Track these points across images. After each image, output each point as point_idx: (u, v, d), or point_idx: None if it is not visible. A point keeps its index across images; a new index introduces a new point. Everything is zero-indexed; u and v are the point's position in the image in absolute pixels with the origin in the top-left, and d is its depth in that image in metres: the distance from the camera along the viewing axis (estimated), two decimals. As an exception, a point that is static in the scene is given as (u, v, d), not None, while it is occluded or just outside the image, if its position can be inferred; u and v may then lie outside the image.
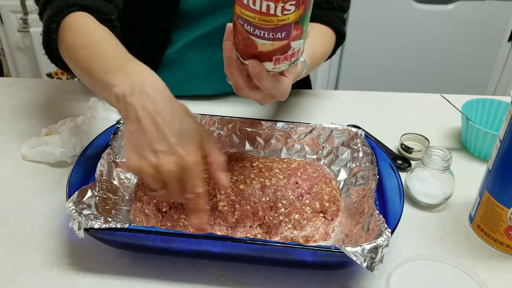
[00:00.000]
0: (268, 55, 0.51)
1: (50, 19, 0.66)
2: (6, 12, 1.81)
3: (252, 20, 0.47)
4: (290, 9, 0.46)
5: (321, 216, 0.60)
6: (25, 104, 0.91)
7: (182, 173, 0.49)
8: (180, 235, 0.52)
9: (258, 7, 0.46)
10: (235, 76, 0.55)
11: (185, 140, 0.49)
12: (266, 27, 0.48)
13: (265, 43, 0.49)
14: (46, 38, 0.68)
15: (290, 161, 0.66)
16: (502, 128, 0.59)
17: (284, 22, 0.47)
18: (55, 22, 0.66)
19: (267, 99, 0.59)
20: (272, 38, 0.49)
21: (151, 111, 0.49)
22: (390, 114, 0.94)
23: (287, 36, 0.49)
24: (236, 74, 0.55)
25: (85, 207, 0.56)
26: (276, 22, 0.47)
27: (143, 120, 0.49)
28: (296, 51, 0.52)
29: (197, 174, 0.50)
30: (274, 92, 0.56)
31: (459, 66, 1.89)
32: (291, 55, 0.52)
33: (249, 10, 0.47)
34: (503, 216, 0.61)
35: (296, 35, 0.49)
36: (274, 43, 0.49)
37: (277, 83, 0.56)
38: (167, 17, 0.84)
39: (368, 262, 0.48)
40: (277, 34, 0.48)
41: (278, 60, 0.51)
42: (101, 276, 0.57)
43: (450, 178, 0.68)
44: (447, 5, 1.75)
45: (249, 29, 0.48)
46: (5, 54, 1.94)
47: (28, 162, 0.75)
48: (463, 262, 0.61)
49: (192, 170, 0.50)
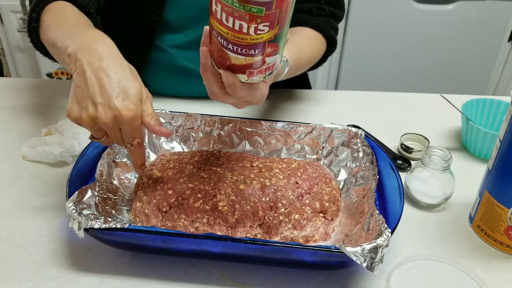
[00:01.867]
0: (242, 68, 0.50)
1: (32, 9, 0.72)
2: (6, 12, 1.81)
3: (225, 35, 0.47)
4: (263, 29, 0.46)
5: (321, 216, 0.60)
6: (25, 104, 0.91)
7: (119, 126, 0.54)
8: (180, 235, 0.52)
9: (231, 24, 0.45)
10: (210, 82, 0.56)
11: (125, 96, 0.53)
12: (239, 44, 0.47)
13: (239, 57, 0.49)
14: (28, 25, 0.74)
15: (290, 161, 0.66)
16: (502, 128, 0.59)
17: (258, 41, 0.47)
18: (35, 12, 0.72)
19: (242, 104, 0.59)
20: (245, 54, 0.48)
21: (96, 67, 0.53)
22: (390, 114, 0.94)
23: (261, 53, 0.48)
24: (211, 80, 0.55)
25: (85, 207, 0.56)
26: (249, 41, 0.46)
27: (88, 74, 0.53)
28: (271, 65, 0.51)
29: (134, 128, 0.55)
30: (249, 98, 0.57)
31: (459, 66, 1.89)
32: (266, 69, 0.51)
33: (222, 26, 0.46)
34: (503, 216, 0.61)
35: (271, 52, 0.49)
36: (247, 59, 0.49)
37: (252, 90, 0.56)
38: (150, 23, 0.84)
39: (368, 262, 0.48)
40: (250, 51, 0.48)
41: (252, 74, 0.51)
42: (101, 276, 0.57)
43: (450, 178, 0.68)
44: (447, 5, 1.75)
45: (222, 42, 0.48)
46: (5, 54, 1.94)
47: (28, 162, 0.75)
48: (463, 262, 0.61)
49: (128, 123, 0.54)
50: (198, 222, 0.58)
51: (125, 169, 0.67)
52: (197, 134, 0.75)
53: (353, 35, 1.80)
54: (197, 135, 0.75)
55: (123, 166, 0.67)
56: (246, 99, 0.57)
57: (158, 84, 0.94)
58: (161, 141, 0.74)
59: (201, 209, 0.58)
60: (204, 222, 0.58)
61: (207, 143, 0.75)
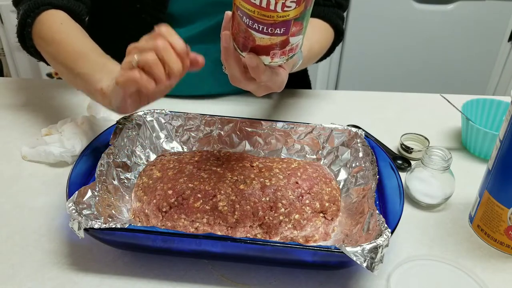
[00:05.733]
0: (266, 49, 0.50)
1: (26, 14, 0.73)
2: (6, 12, 1.81)
3: (251, 13, 0.47)
4: (290, 6, 0.46)
5: (321, 216, 0.60)
6: (25, 104, 0.91)
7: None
8: (180, 235, 0.52)
9: (258, 1, 0.46)
10: (232, 67, 0.55)
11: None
12: (265, 22, 0.47)
13: (263, 37, 0.49)
14: (21, 29, 0.75)
15: (290, 161, 0.66)
16: (502, 128, 0.59)
17: (284, 19, 0.47)
18: (30, 17, 0.73)
19: (263, 90, 0.59)
20: (270, 33, 0.48)
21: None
22: (390, 114, 0.94)
23: (286, 32, 0.48)
24: (233, 64, 0.55)
25: (85, 207, 0.56)
26: (275, 18, 0.46)
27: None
28: (295, 47, 0.51)
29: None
30: (270, 83, 0.56)
31: (459, 66, 1.89)
32: (289, 50, 0.51)
33: (248, 4, 0.46)
34: (503, 216, 0.61)
35: (295, 31, 0.49)
36: (272, 38, 0.49)
37: (274, 75, 0.56)
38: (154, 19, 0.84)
39: (368, 262, 0.48)
40: (276, 29, 0.48)
41: (276, 55, 0.51)
42: (101, 276, 0.57)
43: (450, 178, 0.68)
44: (447, 5, 1.75)
45: (247, 22, 0.48)
46: (5, 54, 1.94)
47: (28, 162, 0.75)
48: (463, 262, 0.61)
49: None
50: (198, 222, 0.58)
51: (125, 169, 0.67)
52: (197, 134, 0.75)
53: (353, 35, 1.80)
54: (197, 135, 0.75)
55: (123, 166, 0.67)
56: (267, 84, 0.56)
57: None
58: (161, 141, 0.74)
59: (201, 209, 0.58)
60: (204, 222, 0.58)
61: (207, 143, 0.75)
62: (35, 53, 0.77)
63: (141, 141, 0.72)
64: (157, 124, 0.74)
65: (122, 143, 0.68)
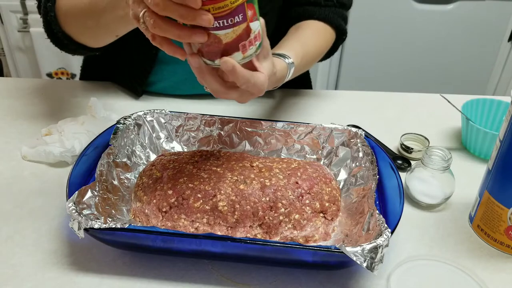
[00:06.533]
0: (235, 45, 0.52)
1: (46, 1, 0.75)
2: (6, 12, 1.81)
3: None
4: None
5: (321, 216, 0.60)
6: (25, 104, 0.91)
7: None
8: (180, 235, 0.52)
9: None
10: (210, 82, 0.56)
11: None
12: (223, 14, 0.48)
13: (228, 32, 0.50)
14: (45, 19, 0.76)
15: (290, 161, 0.66)
16: (502, 128, 0.59)
17: (237, 3, 0.48)
18: (50, 1, 0.74)
19: (245, 96, 0.60)
20: (232, 24, 0.50)
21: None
22: (390, 114, 0.94)
23: (244, 17, 0.50)
24: (211, 80, 0.56)
25: (85, 207, 0.56)
26: (230, 6, 0.48)
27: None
28: (257, 34, 0.53)
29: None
30: (250, 88, 0.57)
31: (459, 66, 1.89)
32: (254, 38, 0.53)
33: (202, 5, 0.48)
34: (503, 216, 0.61)
35: (252, 15, 0.51)
36: (235, 29, 0.50)
37: (251, 76, 0.56)
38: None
39: (368, 262, 0.48)
40: (235, 17, 0.49)
41: (245, 47, 0.52)
42: (101, 276, 0.57)
43: (450, 178, 0.68)
44: (447, 5, 1.75)
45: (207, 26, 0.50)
46: (5, 54, 1.94)
47: (28, 162, 0.75)
48: (463, 262, 0.61)
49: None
50: (198, 222, 0.58)
51: (125, 169, 0.67)
52: (197, 134, 0.75)
53: (353, 35, 1.79)
54: (197, 135, 0.75)
55: (123, 166, 0.67)
56: (248, 88, 0.57)
57: (163, 81, 0.94)
58: (161, 141, 0.74)
59: (201, 209, 0.58)
60: (204, 222, 0.58)
61: (207, 143, 0.75)
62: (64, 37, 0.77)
63: (141, 141, 0.72)
64: (157, 124, 0.74)
65: (122, 143, 0.68)
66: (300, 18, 0.88)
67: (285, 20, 0.90)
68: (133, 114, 0.72)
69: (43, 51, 1.81)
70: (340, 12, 0.88)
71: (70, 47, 0.79)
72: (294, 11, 0.89)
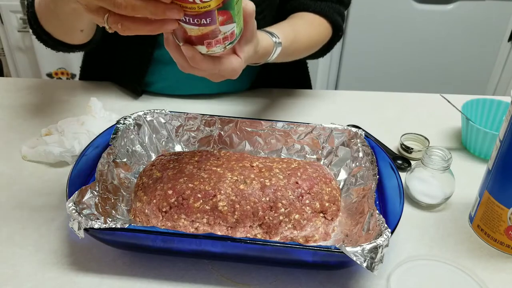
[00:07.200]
0: (199, 39, 0.51)
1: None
2: (6, 12, 1.81)
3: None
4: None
5: (321, 216, 0.60)
6: (25, 104, 0.91)
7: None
8: (180, 235, 0.52)
9: None
10: (175, 56, 0.56)
11: None
12: (190, 14, 0.48)
13: (193, 28, 0.49)
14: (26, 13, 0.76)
15: (290, 161, 0.66)
16: (502, 128, 0.59)
17: (206, 9, 0.47)
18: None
19: (216, 77, 0.59)
20: (198, 24, 0.49)
21: None
22: (390, 114, 0.94)
23: (212, 22, 0.49)
24: (176, 54, 0.55)
25: (85, 207, 0.56)
26: (197, 10, 0.47)
27: None
28: (229, 35, 0.51)
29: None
30: (221, 72, 0.57)
31: (459, 66, 1.89)
32: (224, 38, 0.51)
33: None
34: (503, 216, 0.61)
35: (223, 20, 0.49)
36: (201, 29, 0.49)
37: (217, 63, 0.55)
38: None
39: (368, 262, 0.48)
40: (202, 20, 0.48)
41: (211, 44, 0.51)
42: (101, 276, 0.57)
43: (450, 178, 0.68)
44: (447, 5, 1.75)
45: None
46: (5, 54, 1.94)
47: (28, 162, 0.75)
48: (463, 262, 0.61)
49: None
50: (198, 222, 0.58)
51: (125, 169, 0.67)
52: (197, 134, 0.75)
53: (353, 35, 1.80)
54: (197, 135, 0.75)
55: (123, 166, 0.67)
56: (213, 72, 0.56)
57: (162, 81, 0.94)
58: (161, 141, 0.74)
59: (201, 209, 0.58)
60: (204, 222, 0.58)
61: (207, 143, 0.75)
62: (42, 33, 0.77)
63: (141, 141, 0.72)
64: (157, 124, 0.74)
65: (122, 143, 0.68)
66: (295, 11, 0.87)
67: (281, 15, 0.90)
68: (133, 114, 0.72)
69: (43, 51, 1.81)
70: (337, 8, 0.87)
71: (49, 42, 0.79)
72: (290, 5, 0.89)
